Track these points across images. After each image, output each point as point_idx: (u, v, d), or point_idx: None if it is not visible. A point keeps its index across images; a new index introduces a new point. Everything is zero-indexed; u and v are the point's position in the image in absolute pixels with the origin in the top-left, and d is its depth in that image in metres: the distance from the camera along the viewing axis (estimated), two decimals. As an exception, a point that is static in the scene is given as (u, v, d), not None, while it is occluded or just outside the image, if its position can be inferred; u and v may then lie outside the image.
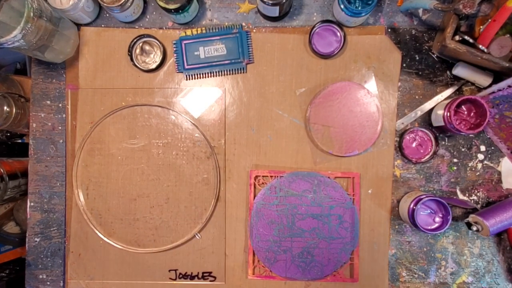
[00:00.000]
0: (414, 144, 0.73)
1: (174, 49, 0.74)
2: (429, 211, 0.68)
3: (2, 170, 0.85)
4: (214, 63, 0.74)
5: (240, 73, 0.75)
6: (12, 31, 0.57)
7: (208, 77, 0.75)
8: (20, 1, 0.58)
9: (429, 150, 0.73)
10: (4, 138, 1.08)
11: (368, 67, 0.73)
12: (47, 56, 0.68)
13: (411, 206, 0.67)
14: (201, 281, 0.75)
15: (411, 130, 0.73)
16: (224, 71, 0.74)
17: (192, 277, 0.75)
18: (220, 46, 0.74)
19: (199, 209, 0.75)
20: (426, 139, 0.73)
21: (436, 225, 0.68)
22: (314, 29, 0.72)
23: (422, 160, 0.72)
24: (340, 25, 0.72)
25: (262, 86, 0.75)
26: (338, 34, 0.72)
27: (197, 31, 0.74)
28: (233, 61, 0.74)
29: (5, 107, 0.83)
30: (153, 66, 0.74)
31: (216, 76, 0.75)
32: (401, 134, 0.73)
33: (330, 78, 0.74)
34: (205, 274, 0.75)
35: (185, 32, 0.74)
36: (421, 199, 0.66)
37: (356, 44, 0.74)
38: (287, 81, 0.74)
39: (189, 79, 0.75)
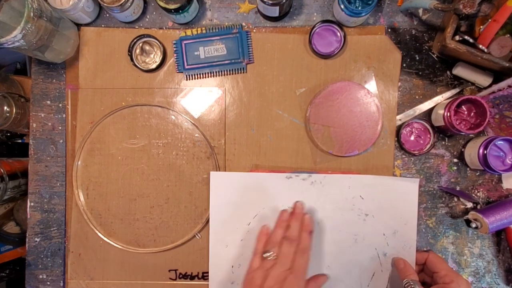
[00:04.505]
0: (412, 137, 0.73)
1: (174, 49, 0.74)
2: (498, 153, 0.68)
3: (2, 170, 0.85)
4: (214, 63, 0.74)
5: (240, 73, 0.75)
6: (12, 31, 0.57)
7: (208, 77, 0.75)
8: (20, 1, 0.58)
9: (429, 139, 0.73)
10: (4, 138, 1.08)
11: (368, 67, 0.73)
12: (47, 56, 0.68)
13: (481, 150, 0.67)
14: (201, 281, 0.75)
15: (406, 123, 0.73)
16: (224, 71, 0.74)
17: (192, 277, 0.75)
18: (220, 46, 0.74)
19: (199, 209, 0.75)
20: (423, 129, 0.73)
21: (507, 167, 0.67)
22: (314, 29, 0.72)
23: (424, 150, 0.72)
24: (340, 25, 0.72)
25: (262, 86, 0.75)
26: (338, 34, 0.72)
27: (197, 31, 0.74)
28: (233, 61, 0.74)
29: (5, 107, 0.83)
30: (153, 66, 0.74)
31: (216, 76, 0.75)
32: (398, 130, 0.73)
33: (330, 78, 0.74)
34: (205, 274, 0.75)
35: (185, 32, 0.74)
36: (491, 141, 0.66)
37: (356, 44, 0.74)
38: (287, 81, 0.74)
39: (189, 79, 0.75)
